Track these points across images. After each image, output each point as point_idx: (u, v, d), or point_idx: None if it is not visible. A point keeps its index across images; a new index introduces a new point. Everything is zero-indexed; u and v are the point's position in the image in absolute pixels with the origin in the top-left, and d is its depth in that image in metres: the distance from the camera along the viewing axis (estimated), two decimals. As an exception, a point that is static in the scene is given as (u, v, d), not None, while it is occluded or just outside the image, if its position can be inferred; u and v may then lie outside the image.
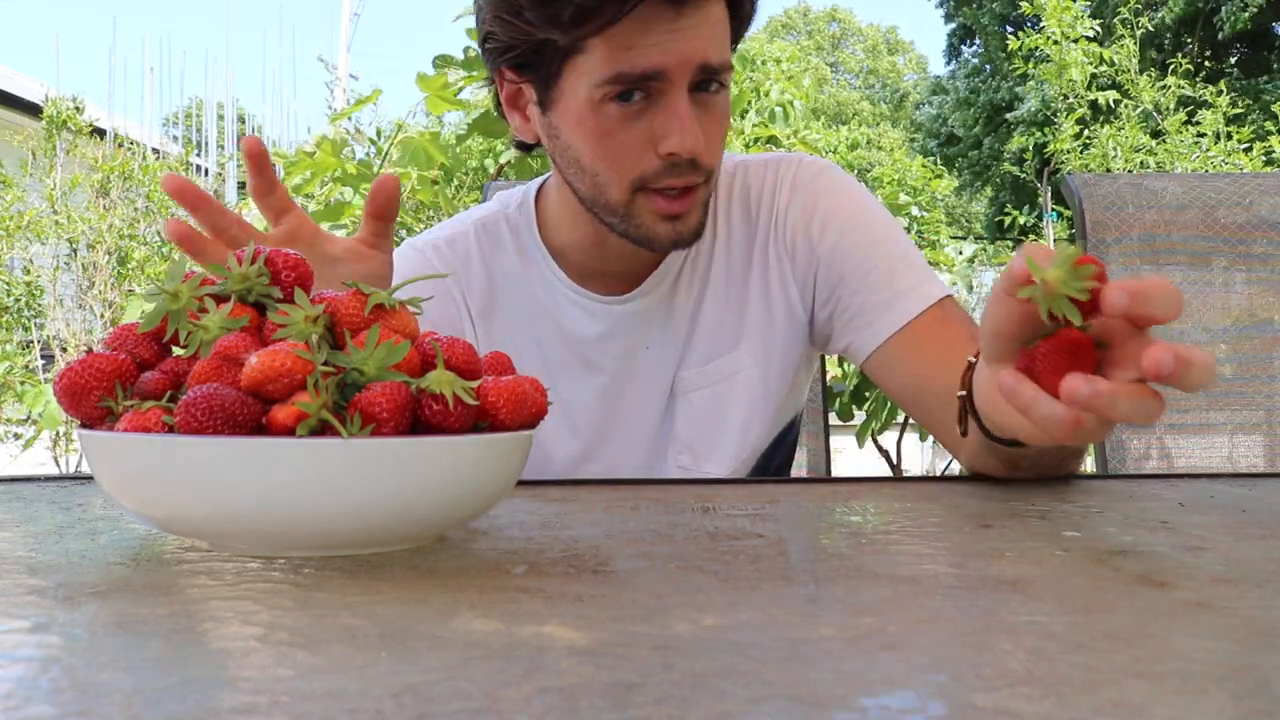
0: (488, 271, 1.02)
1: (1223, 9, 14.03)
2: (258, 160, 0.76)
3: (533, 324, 1.01)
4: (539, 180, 1.05)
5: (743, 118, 3.79)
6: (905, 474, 3.90)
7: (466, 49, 2.63)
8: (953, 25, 19.46)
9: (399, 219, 2.91)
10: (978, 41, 18.84)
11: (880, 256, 0.96)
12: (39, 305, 4.46)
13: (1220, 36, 14.25)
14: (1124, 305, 0.50)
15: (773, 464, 1.06)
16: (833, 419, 2.73)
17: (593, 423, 1.01)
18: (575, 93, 0.86)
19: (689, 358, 1.00)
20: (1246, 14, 13.64)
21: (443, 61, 2.63)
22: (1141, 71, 6.51)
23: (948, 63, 20.59)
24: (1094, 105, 6.40)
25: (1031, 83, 7.11)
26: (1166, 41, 14.31)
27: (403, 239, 2.98)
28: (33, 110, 7.34)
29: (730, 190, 1.02)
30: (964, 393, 0.74)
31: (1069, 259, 0.51)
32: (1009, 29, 16.04)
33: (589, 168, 0.89)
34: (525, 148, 0.99)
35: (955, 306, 0.94)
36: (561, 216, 0.99)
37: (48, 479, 0.78)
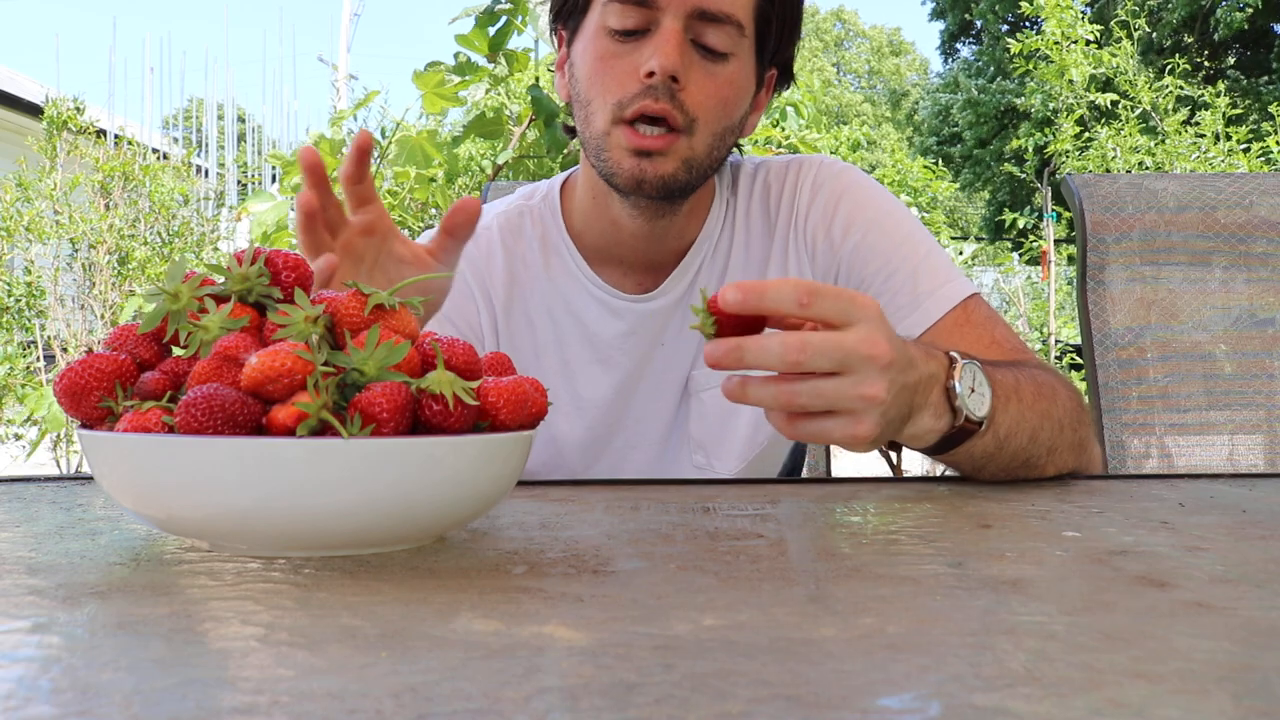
0: (510, 266, 1.02)
1: (1218, 10, 14.03)
2: (363, 153, 0.78)
3: (554, 321, 1.01)
4: (564, 174, 1.06)
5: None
6: (905, 474, 3.90)
7: (456, 54, 2.64)
8: (943, 24, 19.50)
9: (398, 216, 2.91)
10: (974, 39, 18.85)
11: (902, 258, 0.95)
12: (40, 306, 4.45)
13: (1217, 37, 14.25)
14: (737, 305, 0.61)
15: (780, 471, 1.07)
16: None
17: (605, 417, 1.02)
18: (590, 26, 0.92)
19: (703, 357, 1.01)
20: (1242, 15, 13.64)
21: (433, 67, 2.64)
22: (1139, 73, 6.51)
23: (945, 61, 20.61)
24: (1093, 106, 6.41)
25: (1033, 84, 7.09)
26: (1166, 42, 14.32)
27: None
28: (33, 110, 7.34)
29: (750, 190, 1.02)
30: None
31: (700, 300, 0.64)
32: (1005, 28, 16.05)
33: (584, 98, 0.92)
34: (572, 131, 0.99)
35: (979, 305, 0.94)
36: (584, 202, 1.00)
37: (48, 479, 0.78)
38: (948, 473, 0.83)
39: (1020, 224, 7.21)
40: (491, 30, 2.58)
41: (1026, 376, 0.80)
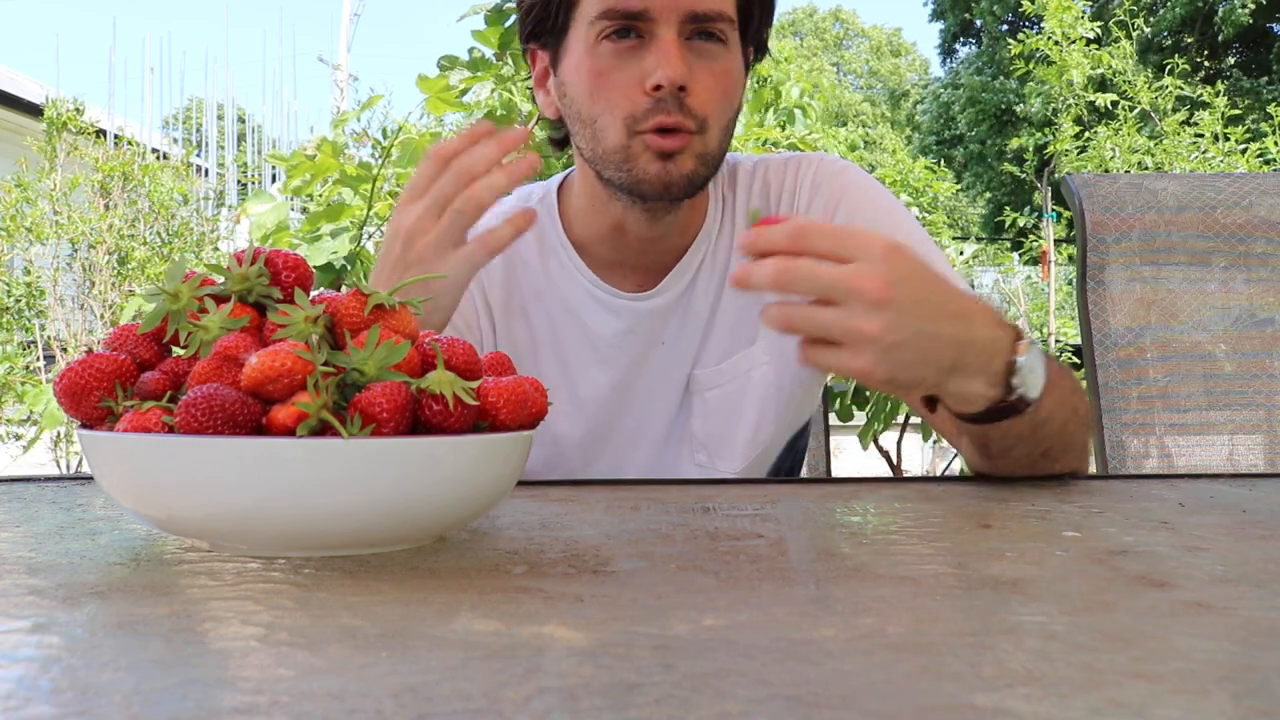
0: (508, 266, 1.02)
1: (1220, 8, 14.02)
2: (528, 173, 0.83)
3: (552, 321, 1.01)
4: (561, 175, 1.06)
5: (762, 121, 3.78)
6: (905, 474, 3.90)
7: (471, 50, 2.63)
8: (943, 24, 19.52)
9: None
10: (974, 39, 18.85)
11: None
12: (40, 306, 4.46)
13: (1220, 37, 14.25)
14: (745, 248, 0.68)
15: (781, 471, 1.07)
16: (832, 419, 2.72)
17: (605, 416, 1.02)
18: (577, 42, 0.91)
19: (705, 355, 1.01)
20: (1244, 11, 13.62)
21: (448, 62, 2.63)
22: (1138, 73, 6.51)
23: (944, 62, 20.62)
24: (1092, 106, 6.41)
25: (1032, 84, 7.10)
26: (1166, 42, 14.32)
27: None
28: (33, 111, 7.34)
29: (750, 188, 1.03)
30: None
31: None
32: (1005, 28, 16.05)
33: (587, 115, 0.92)
34: (558, 144, 0.99)
35: None
36: (582, 205, 1.00)
37: (48, 479, 0.78)
38: (948, 472, 0.83)
39: (1020, 223, 7.21)
40: (504, 25, 2.57)
41: (1064, 372, 0.82)
